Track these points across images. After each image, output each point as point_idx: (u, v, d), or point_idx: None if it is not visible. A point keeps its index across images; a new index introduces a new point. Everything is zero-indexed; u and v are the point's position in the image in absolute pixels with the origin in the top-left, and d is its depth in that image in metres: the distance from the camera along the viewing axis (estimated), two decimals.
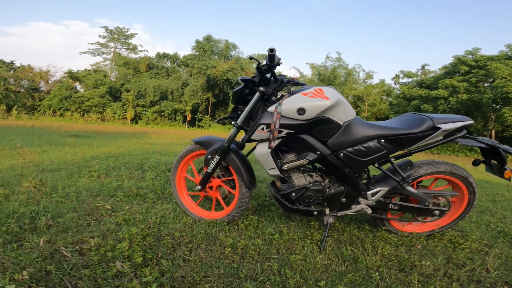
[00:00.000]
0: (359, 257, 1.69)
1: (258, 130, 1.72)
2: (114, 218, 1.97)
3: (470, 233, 2.16)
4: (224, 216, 2.02)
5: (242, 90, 1.82)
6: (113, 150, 5.69)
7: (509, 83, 15.41)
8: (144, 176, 3.18)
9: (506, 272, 1.66)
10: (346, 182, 1.83)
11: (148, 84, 30.78)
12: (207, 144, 1.98)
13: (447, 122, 1.75)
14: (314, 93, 1.66)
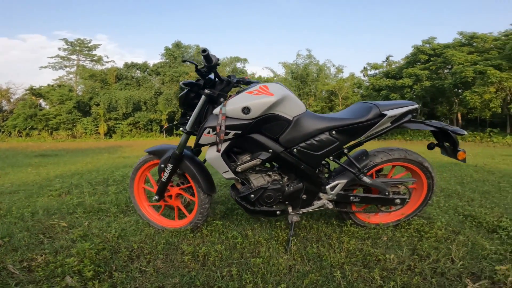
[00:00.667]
0: (324, 254, 1.66)
1: (204, 134, 1.69)
2: (70, 235, 1.91)
3: (436, 220, 2.13)
4: (186, 224, 1.98)
5: (187, 94, 1.79)
6: (80, 167, 5.46)
7: (466, 68, 16.28)
8: (107, 191, 3.08)
9: (472, 262, 1.58)
10: (304, 178, 1.83)
11: (118, 96, 29.47)
12: (160, 153, 1.93)
13: (392, 109, 1.78)
14: (259, 90, 1.65)
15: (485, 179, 3.86)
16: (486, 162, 6.01)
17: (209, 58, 1.58)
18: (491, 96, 15.37)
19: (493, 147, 13.24)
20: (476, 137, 16.72)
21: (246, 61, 37.99)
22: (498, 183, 3.55)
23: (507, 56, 15.75)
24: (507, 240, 1.81)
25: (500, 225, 2.01)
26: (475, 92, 15.90)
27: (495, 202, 2.68)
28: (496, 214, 2.28)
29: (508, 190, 3.18)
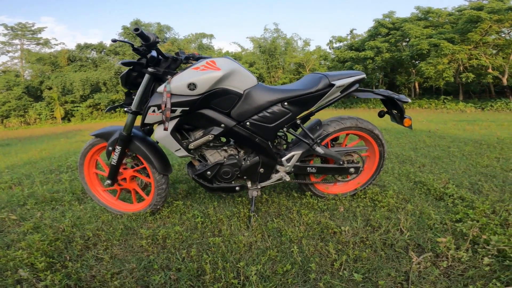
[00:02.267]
0: (283, 229, 1.66)
1: (149, 113, 1.61)
2: (21, 228, 1.79)
3: (389, 188, 2.20)
4: (146, 207, 1.92)
5: (129, 73, 1.67)
6: (33, 155, 5.04)
7: (422, 41, 17.28)
8: (60, 178, 2.88)
9: (418, 232, 1.60)
10: (260, 151, 1.81)
11: (73, 78, 27.81)
12: (107, 135, 1.81)
13: (341, 78, 1.81)
14: (205, 65, 1.58)
15: (437, 144, 4.14)
16: (438, 127, 6.45)
17: (145, 36, 1.48)
18: (444, 66, 16.42)
19: (446, 113, 14.26)
20: (432, 104, 17.93)
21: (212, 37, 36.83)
22: (448, 148, 3.80)
23: (459, 30, 16.82)
24: (452, 208, 1.86)
25: (446, 192, 2.10)
26: (430, 63, 16.93)
27: (444, 168, 2.84)
28: (444, 180, 2.38)
29: (457, 155, 3.40)
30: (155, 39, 1.54)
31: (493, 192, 2.14)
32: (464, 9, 17.58)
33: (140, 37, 1.47)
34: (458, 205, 1.89)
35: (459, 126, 6.79)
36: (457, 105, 16.45)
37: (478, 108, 15.45)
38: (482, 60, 15.67)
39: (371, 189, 2.19)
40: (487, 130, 5.79)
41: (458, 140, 4.37)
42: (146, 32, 1.47)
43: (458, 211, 1.79)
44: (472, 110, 15.00)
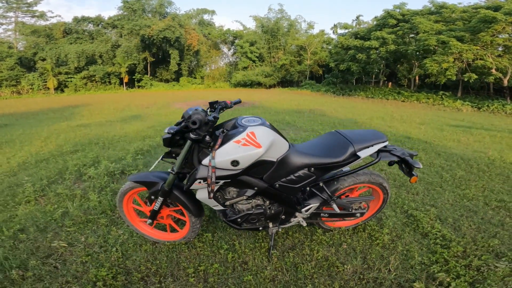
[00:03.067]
0: (299, 265, 1.98)
1: (196, 183, 1.75)
2: (75, 256, 2.03)
3: (385, 224, 2.47)
4: (180, 239, 2.19)
5: (172, 137, 1.76)
6: (40, 148, 5.14)
7: (430, 37, 16.86)
8: (86, 192, 3.06)
9: (402, 272, 1.93)
10: (284, 203, 2.04)
11: (68, 50, 27.72)
12: (148, 185, 1.98)
13: (367, 147, 1.99)
14: (246, 140, 1.66)
15: (432, 163, 4.37)
16: (435, 137, 6.70)
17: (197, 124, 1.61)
18: (449, 65, 16.18)
19: (443, 111, 14.47)
20: (430, 99, 18.07)
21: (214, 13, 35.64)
22: (441, 170, 4.02)
23: (471, 28, 16.32)
24: (433, 247, 2.19)
25: (432, 230, 2.39)
26: (435, 60, 16.65)
27: (434, 199, 3.05)
28: (432, 217, 2.64)
29: (448, 181, 3.58)
30: (204, 119, 1.65)
31: (470, 230, 2.46)
32: (481, 7, 17.04)
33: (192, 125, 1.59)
34: (438, 244, 2.22)
35: (454, 135, 7.04)
36: (454, 102, 16.65)
37: (475, 107, 15.64)
38: (488, 61, 15.44)
39: (371, 223, 2.51)
40: (480, 144, 6.05)
41: (452, 159, 4.60)
42: (197, 119, 1.57)
43: (436, 251, 2.13)
44: (469, 110, 15.24)
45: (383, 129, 7.44)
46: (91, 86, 28.91)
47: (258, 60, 34.67)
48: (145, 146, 5.07)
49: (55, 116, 10.38)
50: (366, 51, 21.24)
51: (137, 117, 9.57)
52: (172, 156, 1.88)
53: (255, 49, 34.16)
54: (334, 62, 24.90)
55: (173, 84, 32.09)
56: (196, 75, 35.38)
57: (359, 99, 19.46)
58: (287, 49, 34.11)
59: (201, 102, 14.69)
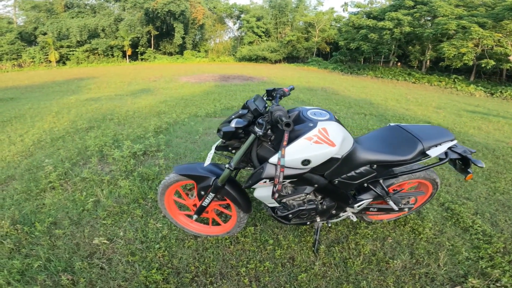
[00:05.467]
0: (348, 261, 1.94)
1: (260, 183, 1.62)
2: (119, 254, 1.92)
3: (425, 217, 2.43)
4: (223, 233, 2.09)
5: (235, 131, 1.60)
6: (53, 124, 4.97)
7: (450, 22, 16.26)
8: (114, 178, 2.90)
9: (451, 267, 1.93)
10: (337, 198, 1.92)
11: (70, 25, 27.29)
12: (198, 179, 1.83)
13: (435, 146, 1.83)
14: (319, 137, 1.52)
15: None
16: (455, 123, 6.49)
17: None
18: (467, 50, 15.74)
19: (456, 95, 14.17)
20: (442, 82, 17.67)
21: None
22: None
23: (493, 15, 15.76)
24: (476, 243, 2.19)
25: (473, 226, 2.36)
26: (453, 44, 16.20)
27: (468, 192, 2.98)
28: (471, 211, 2.61)
29: (478, 172, 3.49)
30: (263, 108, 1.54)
31: (507, 225, 2.43)
32: None
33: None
34: (480, 240, 2.22)
35: (474, 122, 6.85)
36: (467, 87, 16.27)
37: (488, 93, 15.34)
38: (508, 49, 15.02)
39: (410, 217, 2.45)
40: (500, 132, 5.88)
41: (477, 148, 4.47)
42: (289, 120, 1.39)
43: (479, 246, 2.14)
44: (481, 95, 14.93)
45: (400, 111, 7.24)
46: (93, 59, 28.67)
47: (264, 35, 33.85)
48: (163, 124, 4.91)
49: (61, 89, 10.10)
50: (379, 32, 20.66)
51: (146, 90, 9.33)
52: (227, 149, 1.72)
53: (261, 24, 33.24)
54: (344, 40, 24.36)
55: (176, 57, 31.61)
56: (200, 48, 34.75)
57: (368, 79, 19.06)
58: (294, 25, 33.28)
59: (208, 76, 14.33)
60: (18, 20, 30.21)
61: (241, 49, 32.40)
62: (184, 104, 6.72)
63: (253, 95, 8.19)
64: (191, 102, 7.06)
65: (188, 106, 6.55)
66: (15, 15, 30.25)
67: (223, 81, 12.13)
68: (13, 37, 26.72)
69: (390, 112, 7.04)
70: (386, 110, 7.28)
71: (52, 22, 27.54)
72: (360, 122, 5.56)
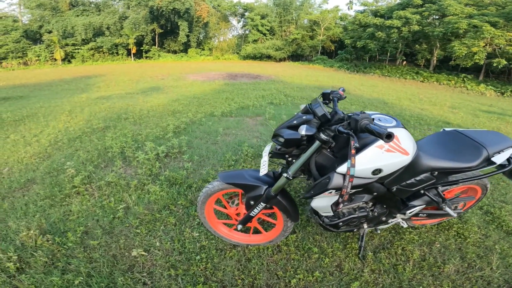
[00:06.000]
0: (398, 267, 1.86)
1: (325, 194, 1.50)
2: (159, 267, 1.79)
3: (469, 223, 2.34)
4: (265, 242, 1.97)
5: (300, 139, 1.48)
6: (68, 124, 4.86)
7: (461, 21, 16.24)
8: (142, 183, 2.75)
9: (504, 270, 1.89)
10: (392, 206, 1.82)
11: (75, 23, 27.59)
12: (246, 188, 1.70)
13: (500, 152, 1.71)
14: (390, 145, 1.41)
15: None
16: (473, 124, 6.33)
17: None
18: (479, 49, 15.67)
19: (467, 94, 14.02)
20: (451, 81, 17.48)
21: None
22: None
23: (504, 14, 15.69)
24: None
25: None
26: (464, 43, 16.12)
27: (503, 194, 2.89)
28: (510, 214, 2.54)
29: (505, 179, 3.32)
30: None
31: None
32: None
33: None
34: None
35: (491, 123, 6.69)
36: (477, 86, 16.08)
37: (498, 92, 15.16)
38: None
39: (453, 221, 2.36)
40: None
41: None
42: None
43: None
44: (492, 94, 14.74)
45: (416, 111, 7.09)
46: (98, 57, 28.88)
47: (268, 33, 33.76)
48: (181, 124, 4.78)
49: (70, 87, 10.00)
50: (386, 30, 20.64)
51: (156, 89, 9.23)
52: (282, 156, 1.60)
53: (266, 22, 33.17)
54: (350, 39, 24.21)
55: (181, 55, 31.72)
56: (204, 46, 34.78)
57: (376, 77, 18.91)
58: (299, 24, 33.17)
59: (215, 74, 14.23)
60: (23, 18, 30.45)
61: (245, 47, 32.42)
62: (198, 103, 6.59)
63: (265, 94, 8.21)
64: (204, 101, 6.93)
65: (202, 105, 6.42)
66: (20, 13, 30.51)
67: (231, 79, 12.01)
68: (19, 36, 26.96)
69: (407, 112, 6.89)
70: (402, 110, 7.12)
71: (57, 20, 27.83)
72: None
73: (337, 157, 1.52)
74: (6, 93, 8.73)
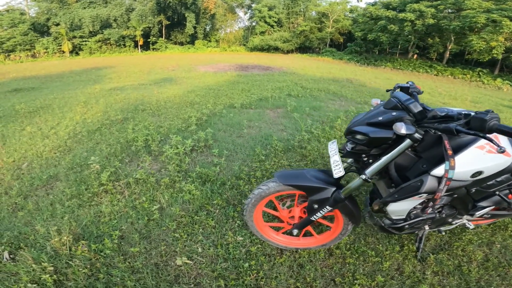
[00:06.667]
0: (462, 268, 1.77)
1: (414, 198, 1.34)
2: (207, 277, 1.62)
3: None
4: (317, 246, 1.81)
5: (390, 138, 1.30)
6: (85, 115, 4.72)
7: (479, 15, 15.79)
8: (172, 183, 2.55)
9: None
10: (461, 207, 1.65)
11: (82, 15, 27.58)
12: (310, 190, 1.52)
13: None
14: (491, 145, 1.27)
15: None
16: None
17: None
18: (497, 44, 15.34)
19: (483, 88, 13.58)
20: (466, 75, 17.01)
21: None
22: None
23: None
24: None
25: None
26: (482, 38, 15.75)
27: None
28: None
29: None
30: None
31: None
32: None
33: None
34: None
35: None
36: (494, 80, 15.60)
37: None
38: None
39: (506, 220, 2.21)
40: None
41: None
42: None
43: None
44: (509, 89, 14.29)
45: (438, 106, 6.78)
46: (106, 49, 28.90)
47: (276, 25, 33.22)
48: (202, 116, 4.62)
49: (81, 79, 9.87)
50: (399, 23, 20.11)
51: (168, 80, 9.08)
52: (358, 156, 1.42)
53: (273, 14, 32.64)
54: (361, 31, 23.70)
55: (188, 47, 31.52)
56: (211, 38, 34.53)
57: (388, 70, 18.51)
58: (307, 15, 32.57)
59: (225, 65, 14.03)
60: (31, 11, 30.49)
61: (252, 39, 32.08)
62: (214, 95, 6.40)
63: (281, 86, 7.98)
64: (221, 92, 6.74)
65: (219, 96, 6.22)
66: (27, 6, 30.55)
67: (243, 71, 11.80)
68: (26, 28, 27.02)
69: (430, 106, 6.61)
70: None
71: (65, 13, 27.87)
72: None
73: (421, 157, 1.35)
74: (17, 85, 8.62)
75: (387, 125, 1.28)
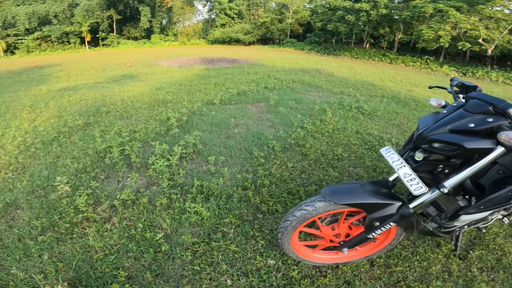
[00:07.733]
0: (503, 262, 1.71)
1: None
2: None
3: None
4: (359, 258, 1.61)
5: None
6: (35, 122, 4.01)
7: (427, 5, 16.82)
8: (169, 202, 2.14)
9: None
10: None
11: (16, 12, 24.87)
12: (370, 207, 1.27)
13: None
14: None
15: None
16: None
17: None
18: (444, 33, 16.37)
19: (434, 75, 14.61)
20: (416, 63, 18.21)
21: None
22: None
23: (467, 0, 16.37)
24: None
25: None
26: (431, 27, 16.76)
27: None
28: None
29: None
30: None
31: None
32: None
33: None
34: None
35: None
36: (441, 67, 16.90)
37: (460, 73, 16.06)
38: (483, 32, 15.67)
39: None
40: None
41: None
42: None
43: None
44: (455, 75, 15.59)
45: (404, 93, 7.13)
46: (46, 47, 26.11)
47: (237, 17, 32.61)
48: (182, 116, 4.15)
49: (21, 79, 8.59)
50: (355, 14, 20.79)
51: (129, 77, 8.27)
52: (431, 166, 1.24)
53: (234, 6, 31.99)
54: (320, 22, 24.18)
55: (143, 41, 29.59)
56: (168, 32, 32.80)
57: (347, 59, 19.13)
58: (267, 7, 32.41)
59: (189, 59, 13.33)
60: None
61: (213, 31, 31.22)
62: (187, 91, 5.89)
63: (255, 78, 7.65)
64: (193, 87, 6.24)
65: (193, 92, 5.73)
66: None
67: (209, 64, 11.27)
68: None
69: (398, 94, 6.84)
70: (393, 92, 7.08)
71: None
72: (385, 106, 5.19)
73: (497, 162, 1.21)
74: None
75: (480, 133, 1.11)
